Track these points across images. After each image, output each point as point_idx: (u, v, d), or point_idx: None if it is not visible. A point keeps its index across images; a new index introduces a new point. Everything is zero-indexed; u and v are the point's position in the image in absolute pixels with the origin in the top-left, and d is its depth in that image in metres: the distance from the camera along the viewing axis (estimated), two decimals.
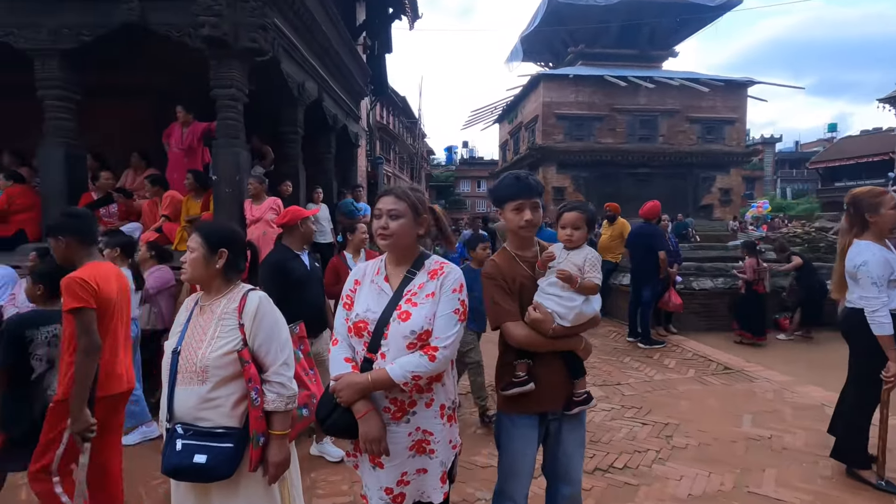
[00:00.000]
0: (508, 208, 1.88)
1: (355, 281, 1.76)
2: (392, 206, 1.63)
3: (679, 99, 20.39)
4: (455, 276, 1.66)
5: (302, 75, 6.77)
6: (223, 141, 5.00)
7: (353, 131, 10.30)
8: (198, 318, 1.76)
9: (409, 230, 1.64)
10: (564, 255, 1.89)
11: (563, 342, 1.85)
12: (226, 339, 1.67)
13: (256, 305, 1.71)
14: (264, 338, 1.70)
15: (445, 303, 1.62)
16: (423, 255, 1.72)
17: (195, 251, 1.74)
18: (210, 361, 1.64)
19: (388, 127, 27.57)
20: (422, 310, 1.60)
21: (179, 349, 1.71)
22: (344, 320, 1.73)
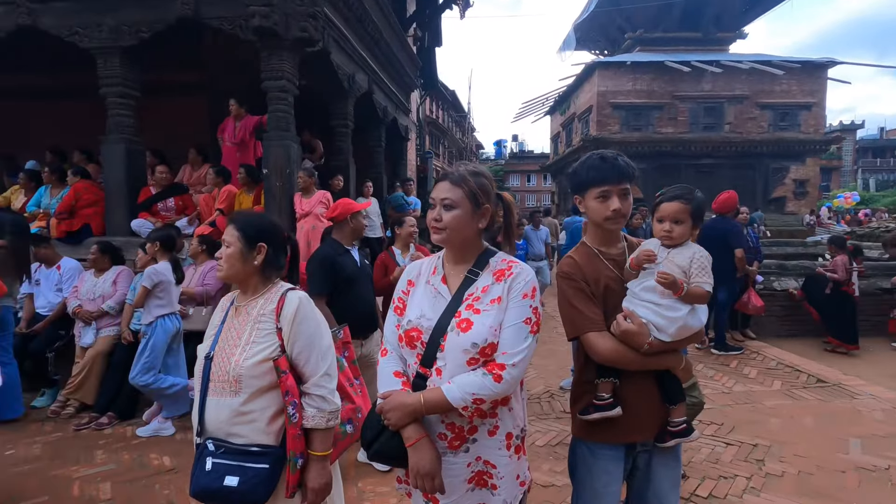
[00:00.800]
0: (591, 195, 1.56)
1: (408, 281, 1.52)
2: (446, 194, 1.37)
3: (748, 84, 18.98)
4: (526, 277, 1.38)
5: (352, 67, 6.65)
6: (273, 134, 4.93)
7: (403, 124, 10.16)
8: (232, 321, 1.58)
9: (467, 223, 1.37)
10: (664, 254, 1.55)
11: (659, 359, 1.53)
12: (262, 345, 1.49)
13: (296, 307, 1.53)
14: (304, 344, 1.52)
15: (514, 310, 1.34)
16: (488, 252, 1.45)
17: (231, 245, 1.55)
18: (244, 370, 1.46)
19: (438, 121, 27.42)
20: (485, 318, 1.33)
21: (212, 354, 1.54)
22: (395, 327, 1.48)
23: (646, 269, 1.54)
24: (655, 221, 1.60)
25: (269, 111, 4.95)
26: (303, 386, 1.53)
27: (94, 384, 3.99)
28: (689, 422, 1.60)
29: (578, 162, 1.63)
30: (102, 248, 4.28)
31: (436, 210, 1.39)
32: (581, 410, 1.60)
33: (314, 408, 1.50)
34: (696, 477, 2.91)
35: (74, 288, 4.27)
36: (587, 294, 1.56)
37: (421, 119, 17.38)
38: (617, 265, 1.61)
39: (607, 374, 1.55)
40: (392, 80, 8.82)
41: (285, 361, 1.49)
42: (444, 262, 1.49)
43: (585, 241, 1.67)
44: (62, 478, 2.98)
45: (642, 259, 1.53)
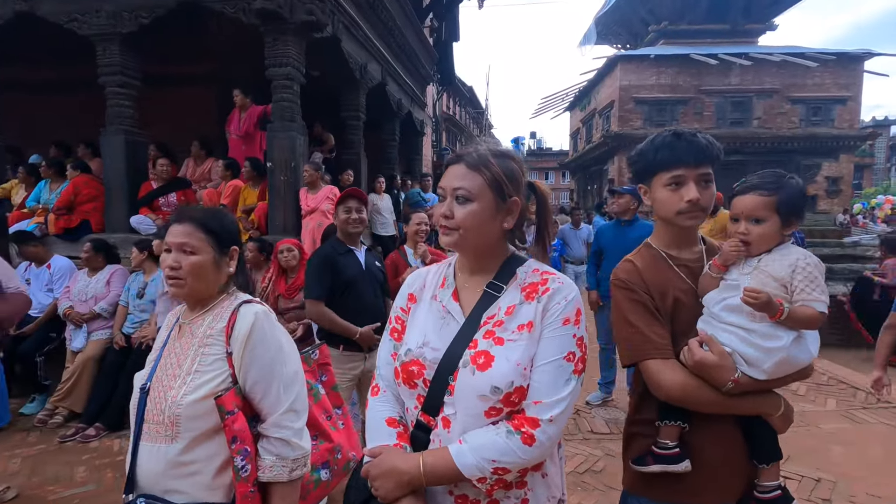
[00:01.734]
0: (659, 182, 1.22)
1: (409, 296, 1.15)
2: (460, 182, 1.01)
3: (779, 77, 18.22)
4: (568, 295, 1.01)
5: (364, 56, 6.31)
6: (278, 124, 4.62)
7: (419, 118, 9.80)
8: (175, 343, 1.24)
9: (488, 221, 1.02)
10: (752, 264, 1.16)
11: (746, 402, 1.14)
12: (207, 376, 1.16)
13: (250, 325, 1.18)
14: (261, 372, 1.18)
15: (552, 341, 0.98)
16: (514, 259, 1.08)
17: (199, 252, 1.20)
18: (183, 408, 1.12)
19: (455, 118, 27.02)
20: (511, 352, 0.97)
21: (148, 387, 1.19)
22: (390, 356, 1.13)
23: (726, 280, 1.15)
24: (731, 220, 1.21)
25: (274, 100, 4.64)
26: (260, 426, 1.18)
27: (84, 391, 3.73)
28: (785, 488, 1.20)
29: (645, 141, 1.26)
30: (96, 246, 4.02)
31: (446, 203, 1.02)
32: (636, 458, 1.24)
33: (273, 455, 1.16)
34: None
35: (66, 288, 4.02)
36: (650, 309, 1.20)
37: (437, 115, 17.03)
38: (691, 274, 1.24)
39: (673, 415, 1.18)
40: (407, 72, 8.47)
41: (232, 397, 1.14)
42: (457, 272, 1.13)
43: (651, 241, 1.31)
44: (35, 499, 2.70)
45: (731, 254, 1.15)
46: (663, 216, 1.24)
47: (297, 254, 3.49)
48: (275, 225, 4.64)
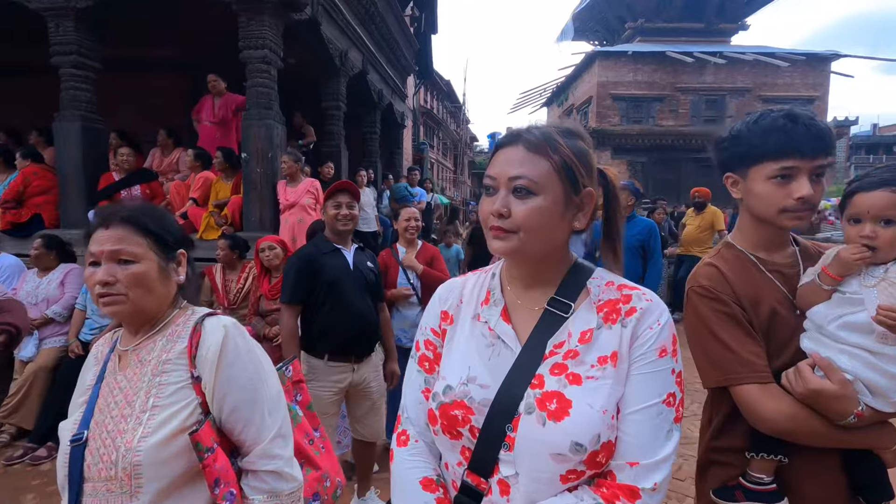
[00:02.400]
0: (761, 173, 1.02)
1: (442, 314, 0.92)
2: (519, 169, 0.77)
3: (751, 76, 18.60)
4: (661, 316, 0.78)
5: (345, 42, 5.98)
6: (254, 112, 4.28)
7: (400, 110, 9.49)
8: (114, 378, 1.00)
9: (557, 221, 0.78)
10: (877, 274, 0.96)
11: (861, 435, 0.95)
12: (170, 410, 0.95)
13: (220, 341, 0.99)
14: (240, 397, 0.99)
15: (647, 380, 0.75)
16: (581, 268, 0.86)
17: (141, 259, 0.98)
18: (143, 455, 0.90)
19: (433, 112, 26.68)
20: (594, 393, 0.74)
21: (86, 437, 0.94)
22: (419, 394, 0.89)
23: (845, 293, 0.95)
24: (847, 222, 1.01)
25: (249, 86, 4.29)
26: (243, 461, 1.00)
27: (34, 406, 3.33)
28: None
29: (743, 121, 1.05)
30: (47, 243, 3.60)
31: (499, 197, 0.78)
32: (720, 491, 1.07)
33: (264, 492, 0.98)
34: None
35: (13, 290, 3.60)
36: (742, 323, 1.02)
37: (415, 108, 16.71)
38: (786, 281, 1.05)
39: (771, 447, 0.99)
40: (388, 62, 8.15)
41: (209, 431, 0.94)
42: (504, 284, 0.89)
43: (733, 241, 1.12)
44: None
45: (853, 262, 0.94)
46: (761, 213, 1.04)
47: (281, 251, 3.21)
48: (250, 221, 4.31)
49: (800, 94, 18.95)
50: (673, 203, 12.99)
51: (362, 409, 2.46)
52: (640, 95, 18.91)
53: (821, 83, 19.30)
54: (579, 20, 23.62)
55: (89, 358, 1.06)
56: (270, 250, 3.18)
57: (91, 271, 0.96)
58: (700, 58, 18.00)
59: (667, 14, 20.07)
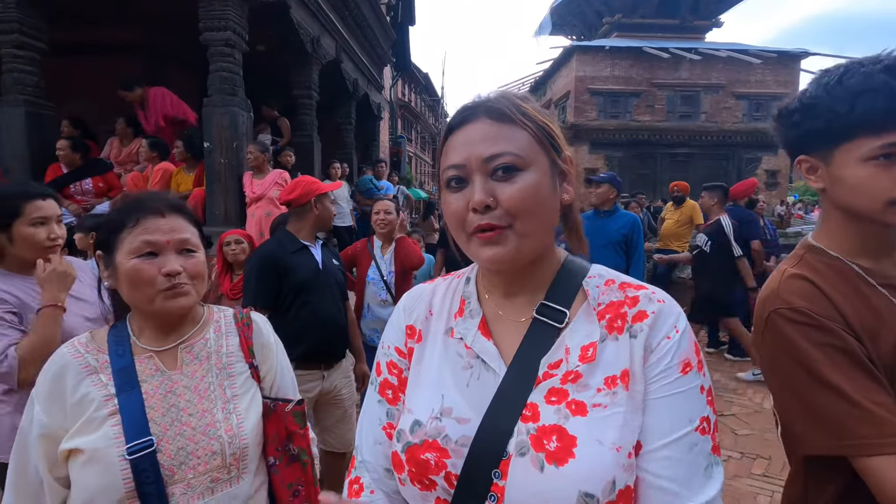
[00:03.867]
0: (854, 153, 0.77)
1: (406, 329, 0.74)
2: (495, 145, 0.61)
3: (725, 73, 18.88)
4: (678, 320, 0.62)
5: (317, 28, 5.71)
6: (216, 98, 4.00)
7: (376, 102, 9.23)
8: (166, 378, 0.96)
9: (551, 198, 0.64)
10: None
11: None
12: (248, 396, 1.03)
13: (272, 334, 1.14)
14: (286, 380, 1.14)
15: (673, 402, 0.59)
16: (573, 266, 0.69)
17: (199, 249, 1.01)
18: (250, 438, 0.99)
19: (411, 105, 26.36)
20: (604, 426, 0.58)
21: (154, 443, 0.89)
22: (379, 430, 0.72)
23: None
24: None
25: (211, 70, 4.01)
26: None
27: None
28: None
29: (817, 83, 0.81)
30: None
31: (475, 187, 0.61)
32: None
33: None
34: None
35: None
36: (863, 362, 0.75)
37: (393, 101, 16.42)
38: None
39: None
40: (363, 51, 7.88)
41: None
42: (482, 290, 0.71)
43: (819, 244, 0.87)
44: None
45: None
46: (858, 207, 0.80)
47: (247, 246, 2.97)
48: (214, 214, 4.04)
49: (771, 91, 19.35)
50: (649, 198, 13.10)
51: (332, 419, 2.27)
52: (617, 90, 19.01)
53: (791, 80, 19.72)
54: (557, 14, 23.62)
55: (62, 371, 0.91)
56: (237, 244, 2.95)
57: (147, 262, 0.91)
58: (676, 54, 18.19)
59: (643, 10, 20.21)
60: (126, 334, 0.97)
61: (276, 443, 1.02)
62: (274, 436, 1.02)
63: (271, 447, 1.02)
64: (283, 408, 1.02)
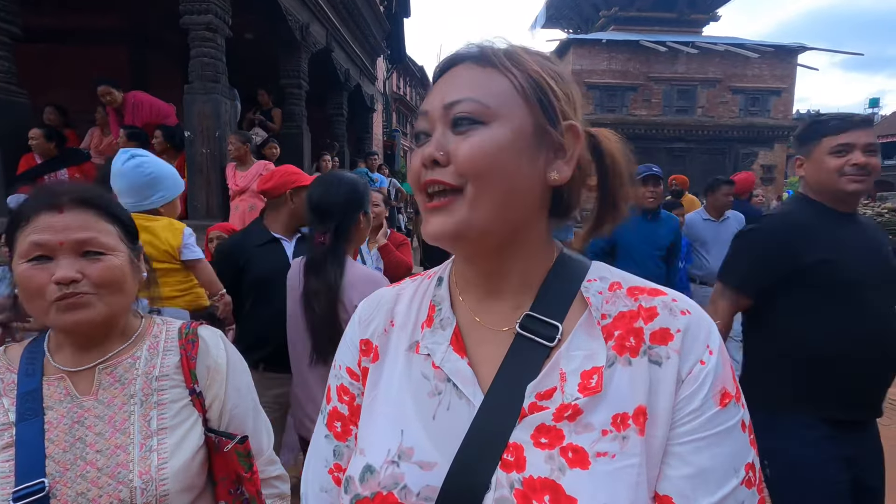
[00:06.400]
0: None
1: (362, 345, 0.59)
2: (460, 90, 0.49)
3: (721, 67, 18.79)
4: (708, 338, 0.48)
5: (306, 15, 5.52)
6: (198, 85, 3.82)
7: (369, 93, 9.04)
8: (76, 405, 0.79)
9: (522, 163, 0.49)
10: None
11: None
12: (182, 430, 0.83)
13: (226, 352, 0.92)
14: (244, 409, 0.93)
15: (709, 449, 0.44)
16: (569, 262, 0.55)
17: (113, 250, 0.81)
18: (171, 483, 0.79)
19: (406, 98, 26.11)
20: (611, 481, 0.43)
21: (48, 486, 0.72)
22: (325, 474, 0.58)
23: None
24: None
25: (193, 56, 3.83)
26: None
27: None
28: None
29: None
30: None
31: (433, 139, 0.50)
32: None
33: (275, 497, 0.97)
34: None
35: None
36: None
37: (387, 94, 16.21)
38: None
39: None
40: (355, 40, 7.69)
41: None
42: (456, 293, 0.57)
43: None
44: None
45: None
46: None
47: None
48: (196, 207, 3.87)
49: (768, 86, 19.32)
50: None
51: None
52: (613, 84, 18.90)
53: (788, 75, 19.69)
54: (553, 7, 23.45)
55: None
56: (219, 240, 2.81)
57: (37, 268, 0.75)
58: (673, 47, 18.08)
59: (640, 3, 20.06)
60: (41, 351, 0.82)
61: (227, 484, 0.86)
62: (223, 476, 0.85)
63: (222, 489, 0.86)
64: (225, 445, 0.85)
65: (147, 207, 1.73)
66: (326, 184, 1.67)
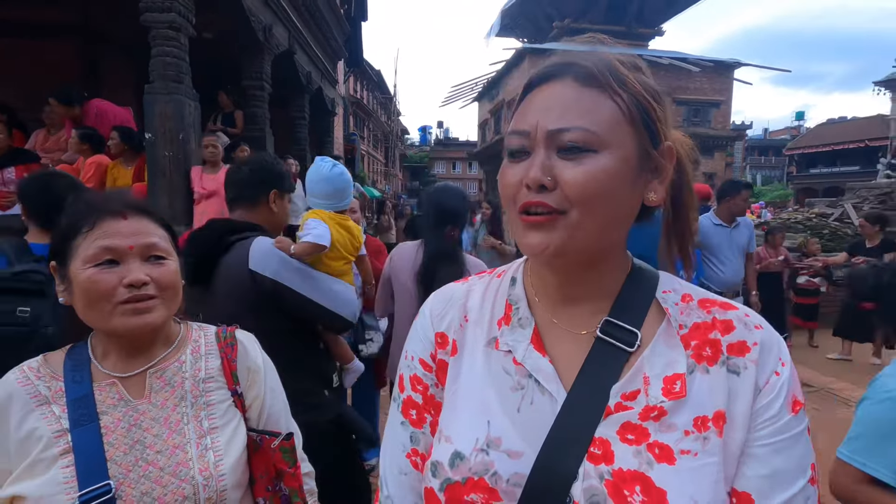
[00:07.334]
0: None
1: (437, 338, 0.62)
2: (565, 116, 0.50)
3: (666, 79, 19.80)
4: (780, 352, 0.53)
5: (269, 16, 5.42)
6: (159, 85, 3.66)
7: (330, 96, 8.93)
8: (131, 409, 0.81)
9: (627, 192, 0.52)
10: None
11: None
12: (230, 429, 0.87)
13: (261, 354, 0.98)
14: (278, 407, 0.97)
15: (783, 453, 0.50)
16: (643, 274, 0.59)
17: (171, 255, 0.86)
18: (229, 478, 0.83)
19: (363, 102, 25.90)
20: (695, 478, 0.48)
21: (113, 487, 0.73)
22: (403, 458, 0.61)
23: None
24: None
25: (154, 55, 3.67)
26: None
27: None
28: None
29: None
30: None
31: (536, 160, 0.51)
32: None
33: (308, 492, 0.97)
34: None
35: None
36: None
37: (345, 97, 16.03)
38: None
39: None
40: (317, 43, 7.59)
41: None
42: (532, 294, 0.61)
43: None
44: None
45: None
46: None
47: None
48: None
49: (709, 98, 20.57)
50: None
51: None
52: None
53: (726, 88, 21.04)
54: (508, 16, 23.96)
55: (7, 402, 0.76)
56: None
57: (106, 271, 0.77)
58: None
59: (591, 16, 20.87)
60: (86, 357, 0.82)
61: (266, 482, 0.88)
62: (262, 474, 0.88)
63: (260, 487, 0.89)
64: (270, 443, 0.88)
65: (343, 208, 1.89)
66: (448, 191, 2.12)
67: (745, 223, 3.67)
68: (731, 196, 3.56)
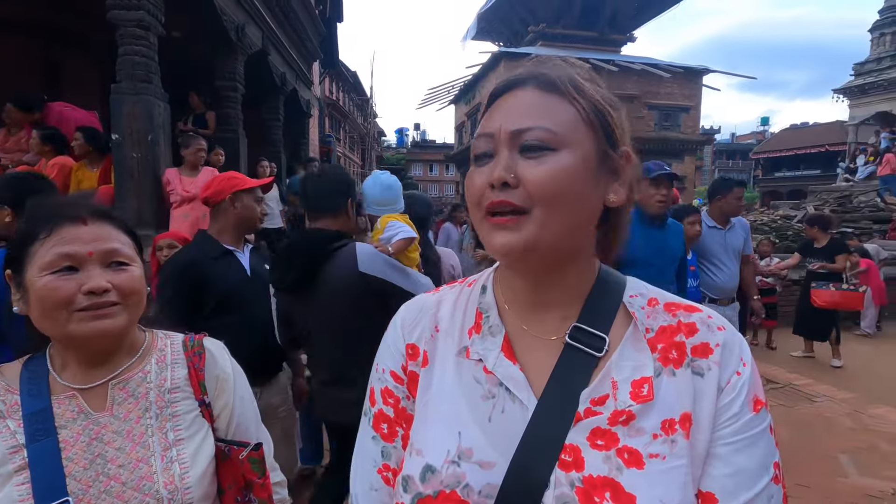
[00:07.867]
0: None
1: (407, 349, 0.62)
2: (527, 118, 0.52)
3: (638, 85, 20.25)
4: (741, 351, 0.55)
5: (241, 15, 5.33)
6: (127, 85, 3.56)
7: (305, 98, 8.82)
8: (92, 422, 0.79)
9: (588, 190, 0.53)
10: None
11: None
12: (196, 440, 0.85)
13: (230, 363, 0.96)
14: (248, 417, 0.96)
15: (746, 451, 0.51)
16: (609, 279, 0.60)
17: (134, 261, 0.84)
18: (195, 491, 0.81)
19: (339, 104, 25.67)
20: (664, 481, 0.49)
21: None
22: (374, 473, 0.61)
23: None
24: None
25: (121, 53, 3.57)
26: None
27: None
28: None
29: None
30: None
31: (500, 161, 0.52)
32: None
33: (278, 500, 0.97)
34: None
35: None
36: None
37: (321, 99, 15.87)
38: None
39: None
40: (292, 44, 7.49)
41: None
42: (502, 302, 0.61)
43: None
44: None
45: None
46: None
47: None
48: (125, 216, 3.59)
49: (679, 103, 21.09)
50: None
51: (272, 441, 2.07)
52: None
53: (695, 94, 21.62)
54: (484, 20, 24.12)
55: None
56: (170, 248, 2.64)
57: (63, 278, 0.75)
58: (596, 65, 19.23)
59: (565, 21, 21.20)
60: (44, 370, 0.79)
61: (234, 493, 0.87)
62: (231, 485, 0.87)
63: (229, 498, 0.87)
64: (238, 454, 0.86)
65: (398, 211, 2.10)
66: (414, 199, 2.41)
67: (741, 224, 3.49)
68: (721, 195, 3.35)
